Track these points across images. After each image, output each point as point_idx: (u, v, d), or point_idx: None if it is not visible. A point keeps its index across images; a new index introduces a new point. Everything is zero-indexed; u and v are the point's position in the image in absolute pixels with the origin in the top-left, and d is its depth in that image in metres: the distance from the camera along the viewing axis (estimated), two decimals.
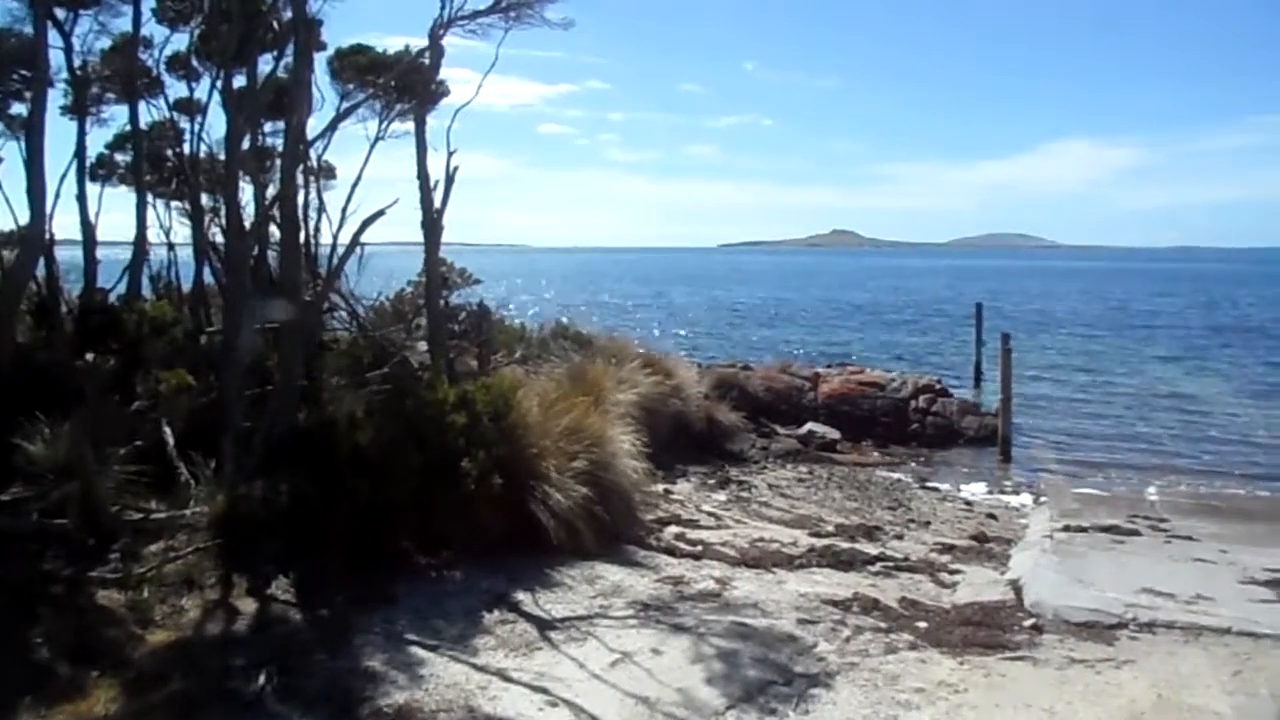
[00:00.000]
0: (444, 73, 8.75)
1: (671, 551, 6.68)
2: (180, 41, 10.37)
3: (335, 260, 8.97)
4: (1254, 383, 22.86)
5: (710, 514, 8.25)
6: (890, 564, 6.88)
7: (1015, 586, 6.20)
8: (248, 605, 4.97)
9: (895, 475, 12.06)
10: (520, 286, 65.94)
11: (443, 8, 7.70)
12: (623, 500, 6.88)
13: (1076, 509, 9.06)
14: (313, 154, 10.04)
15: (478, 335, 10.35)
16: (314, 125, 8.83)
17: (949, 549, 7.85)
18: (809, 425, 13.74)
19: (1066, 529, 7.97)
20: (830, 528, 8.23)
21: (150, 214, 10.59)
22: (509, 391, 6.74)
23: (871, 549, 7.37)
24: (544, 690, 4.23)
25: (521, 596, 5.40)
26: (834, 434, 13.57)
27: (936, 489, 11.48)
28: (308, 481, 5.41)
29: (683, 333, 34.18)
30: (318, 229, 11.02)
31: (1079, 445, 15.22)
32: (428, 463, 5.68)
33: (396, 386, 6.42)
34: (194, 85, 10.35)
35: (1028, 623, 5.45)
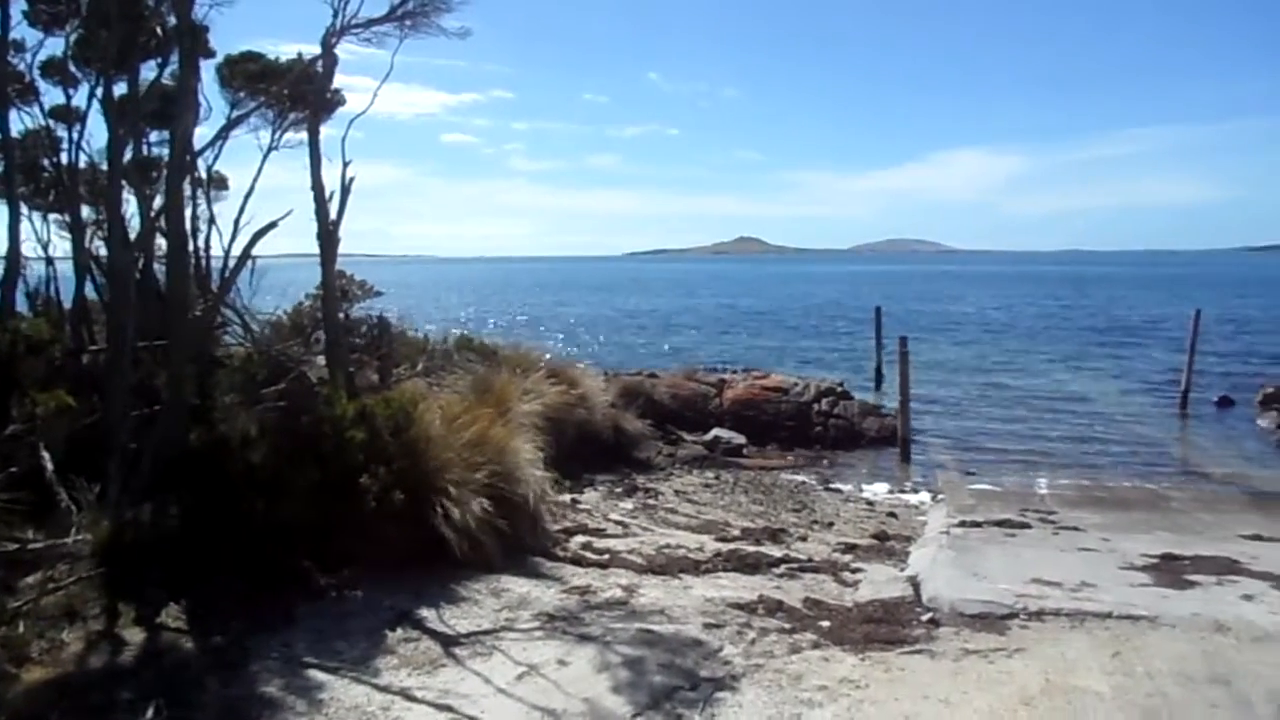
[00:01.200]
0: (343, 80, 8.58)
1: (578, 561, 6.66)
2: (56, 46, 9.88)
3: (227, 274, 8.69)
4: (1134, 379, 24.10)
5: (617, 522, 8.26)
6: (795, 565, 7.00)
7: (914, 582, 6.39)
8: (135, 635, 4.74)
9: (800, 478, 12.30)
10: (425, 298, 65.04)
11: (335, 16, 7.54)
12: (528, 511, 6.82)
13: (972, 505, 9.40)
14: (201, 164, 9.69)
15: (378, 348, 10.16)
16: (203, 134, 8.54)
17: (851, 548, 8.04)
18: (715, 431, 13.91)
19: (962, 525, 8.27)
20: (736, 532, 8.33)
21: (26, 227, 10.04)
22: (410, 405, 6.62)
23: (776, 551, 7.49)
24: (448, 708, 4.16)
25: (425, 613, 5.31)
26: (740, 439, 13.76)
27: (839, 490, 11.74)
28: (199, 503, 5.22)
29: (589, 342, 34.21)
30: (208, 242, 10.65)
31: (975, 443, 15.76)
32: (326, 480, 5.54)
33: (292, 403, 6.24)
34: (72, 92, 9.85)
35: (926, 617, 5.62)
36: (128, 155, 7.98)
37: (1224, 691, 4.35)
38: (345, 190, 7.81)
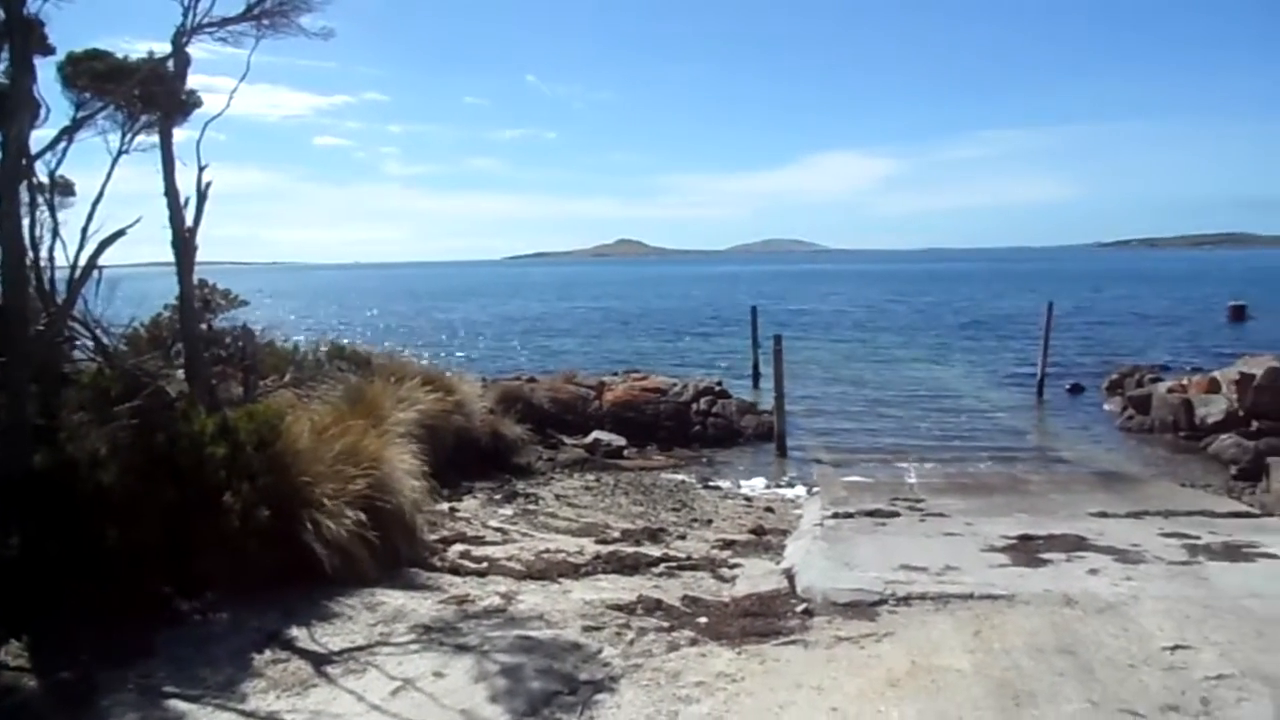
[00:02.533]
0: (203, 81, 8.20)
1: (456, 570, 6.58)
2: None
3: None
4: (994, 371, 25.37)
5: (497, 529, 8.19)
6: (674, 564, 7.09)
7: (789, 575, 6.55)
8: None
9: (680, 477, 12.44)
10: (297, 305, 62.95)
11: (186, 14, 7.24)
12: (404, 522, 6.71)
13: (845, 497, 9.68)
14: (42, 169, 9.12)
15: (243, 360, 9.77)
16: (42, 137, 8.03)
17: (729, 544, 8.18)
18: (595, 433, 13.94)
19: (835, 516, 8.51)
20: (616, 533, 8.38)
21: None
22: (276, 417, 6.42)
23: (656, 551, 7.57)
24: None
25: (296, 632, 5.13)
26: (620, 440, 13.84)
27: (718, 487, 11.94)
28: (44, 530, 4.91)
29: (468, 348, 33.81)
30: (51, 252, 10.01)
31: (848, 437, 16.29)
32: (184, 499, 5.30)
33: (147, 419, 5.94)
34: None
35: (800, 608, 5.76)
36: None
37: (1070, 661, 4.62)
38: (202, 196, 7.51)
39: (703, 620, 5.59)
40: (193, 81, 8.38)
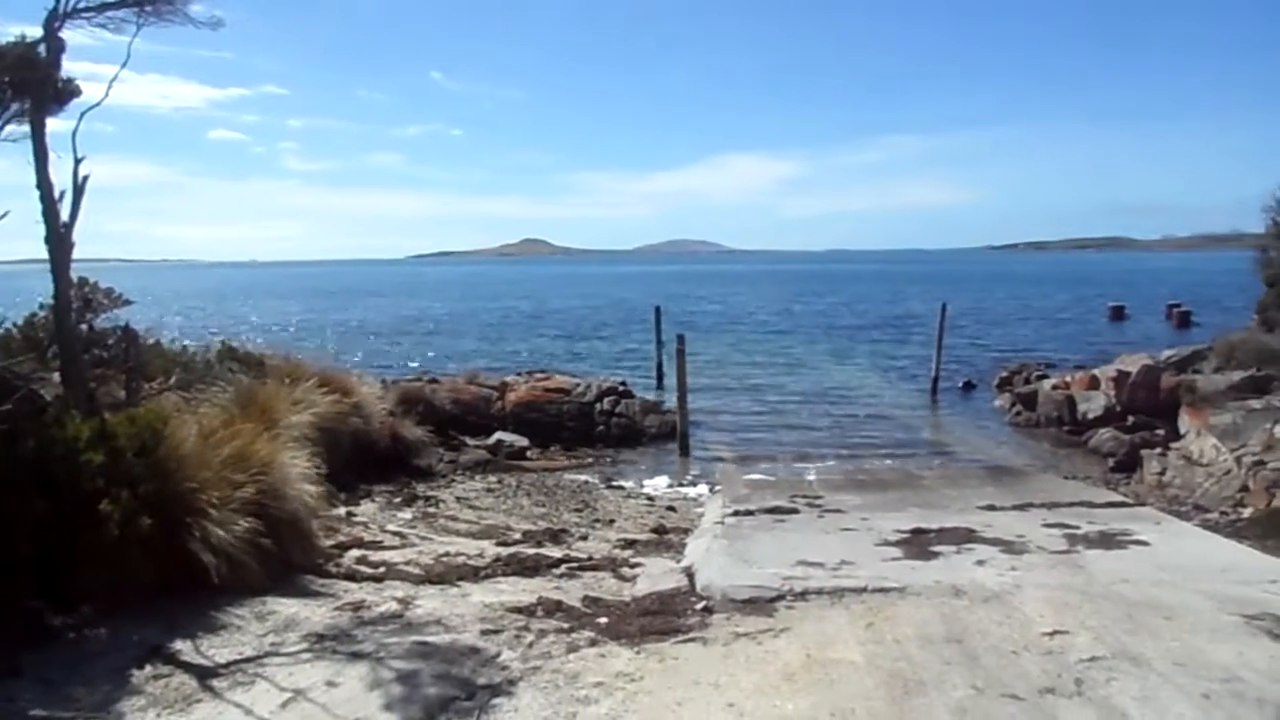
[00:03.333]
0: (90, 69, 7.78)
1: (352, 576, 6.42)
2: None
3: None
4: (892, 370, 26.06)
5: (395, 533, 8.02)
6: (575, 565, 7.06)
7: (689, 573, 6.61)
8: None
9: (583, 477, 12.42)
10: (188, 305, 60.65)
11: None
12: (298, 528, 6.52)
13: (746, 494, 9.81)
14: None
15: (125, 362, 9.34)
16: None
17: (631, 544, 8.20)
18: (498, 435, 13.81)
19: (736, 514, 8.62)
20: (518, 535, 8.31)
21: None
22: (159, 422, 6.14)
23: (557, 552, 7.53)
24: None
25: (180, 645, 4.93)
26: (523, 441, 13.74)
27: (622, 487, 11.96)
28: None
29: (367, 348, 33.05)
30: None
31: (751, 435, 16.52)
32: (57, 509, 5.02)
33: (17, 425, 5.62)
34: None
35: (700, 605, 5.82)
36: None
37: (957, 649, 4.78)
38: (79, 189, 7.12)
39: (603, 620, 5.59)
40: (75, 69, 7.93)
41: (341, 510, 8.54)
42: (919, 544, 7.25)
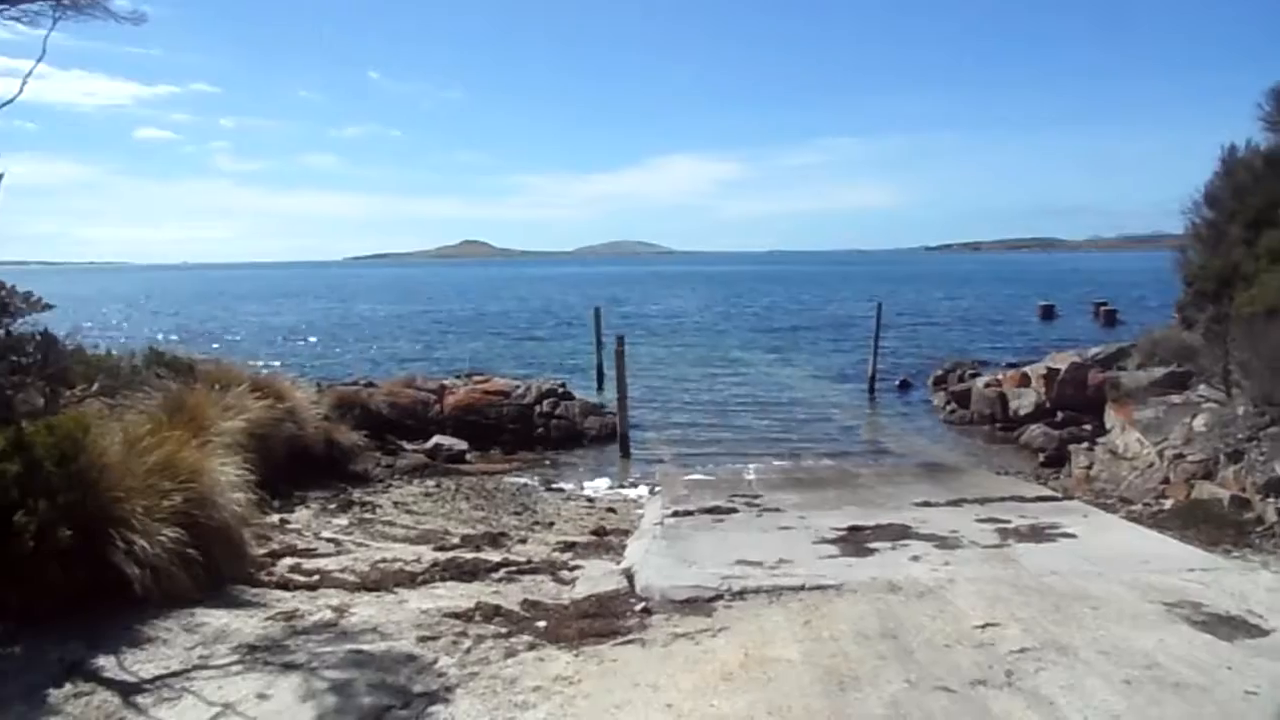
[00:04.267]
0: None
1: (286, 585, 6.28)
2: None
3: None
4: (830, 369, 26.40)
5: (330, 540, 7.88)
6: (514, 568, 7.00)
7: (628, 574, 6.60)
8: None
9: (522, 480, 12.35)
10: (115, 309, 58.96)
11: None
12: (228, 537, 6.35)
13: (686, 495, 9.83)
14: None
15: (45, 368, 9.01)
16: None
17: (571, 546, 8.16)
18: (436, 438, 13.66)
19: (676, 514, 8.63)
20: (456, 539, 8.21)
21: None
22: (80, 430, 5.94)
23: (496, 556, 7.46)
24: None
25: (103, 661, 4.76)
26: (461, 445, 13.61)
27: (562, 490, 11.91)
28: None
29: (303, 352, 32.50)
30: None
31: (691, 436, 16.59)
32: None
33: None
34: None
35: (639, 607, 5.81)
36: None
37: (892, 644, 4.85)
38: None
39: (542, 624, 5.56)
40: None
41: (275, 518, 8.36)
42: (856, 541, 7.34)
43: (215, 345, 25.62)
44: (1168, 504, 9.57)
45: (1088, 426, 15.15)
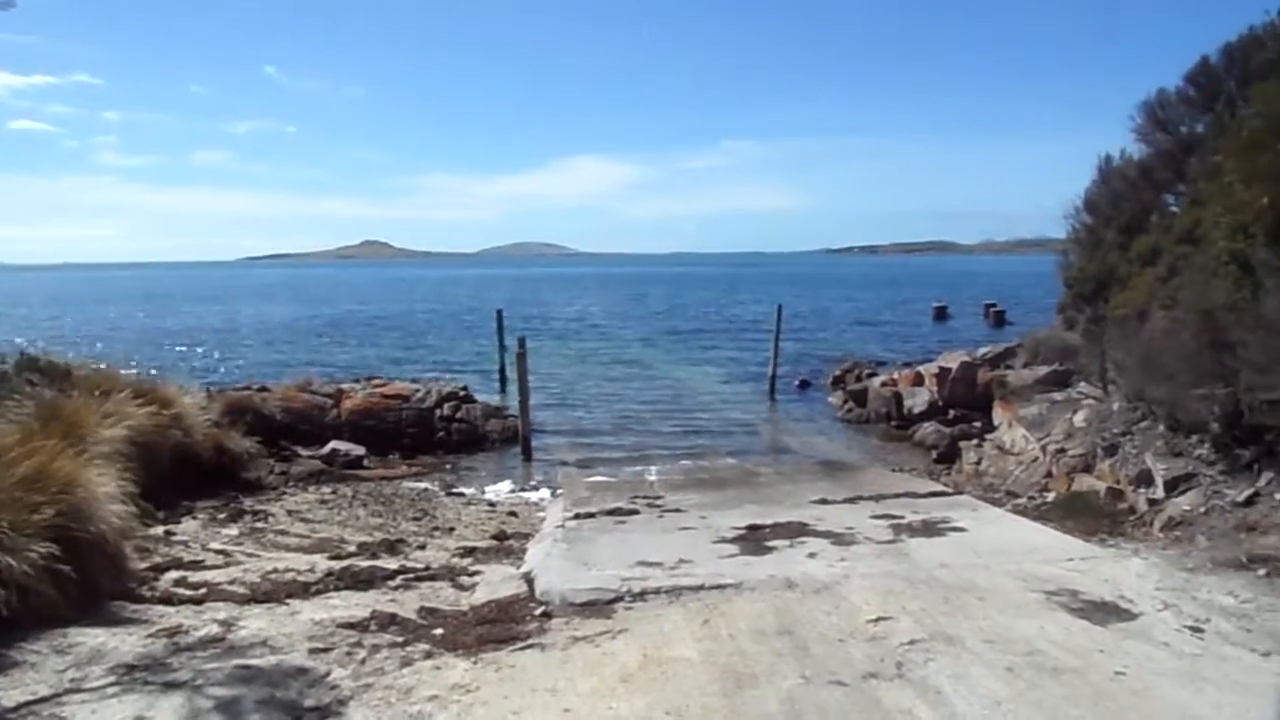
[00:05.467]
0: None
1: (169, 600, 6.02)
2: None
3: None
4: (732, 370, 26.73)
5: (219, 551, 7.59)
6: (412, 576, 6.87)
7: (528, 578, 6.55)
8: None
9: (422, 485, 12.14)
10: None
11: None
12: (106, 551, 6.06)
13: (588, 497, 9.82)
14: None
15: None
16: None
17: (471, 552, 8.06)
18: (332, 444, 13.32)
19: (577, 517, 8.61)
20: (352, 547, 8.02)
21: None
22: None
23: (393, 563, 7.32)
24: None
25: None
26: (359, 450, 13.32)
27: (462, 494, 11.75)
28: None
29: (191, 356, 31.29)
30: None
31: (594, 438, 16.57)
32: None
33: None
34: None
35: (539, 611, 5.76)
36: None
37: (788, 640, 4.93)
38: None
39: (439, 632, 5.46)
40: None
41: (159, 529, 8.01)
42: (755, 540, 7.44)
43: (96, 349, 24.42)
44: (1050, 497, 10.00)
45: (977, 423, 15.70)
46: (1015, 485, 11.10)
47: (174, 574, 6.67)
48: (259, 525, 8.99)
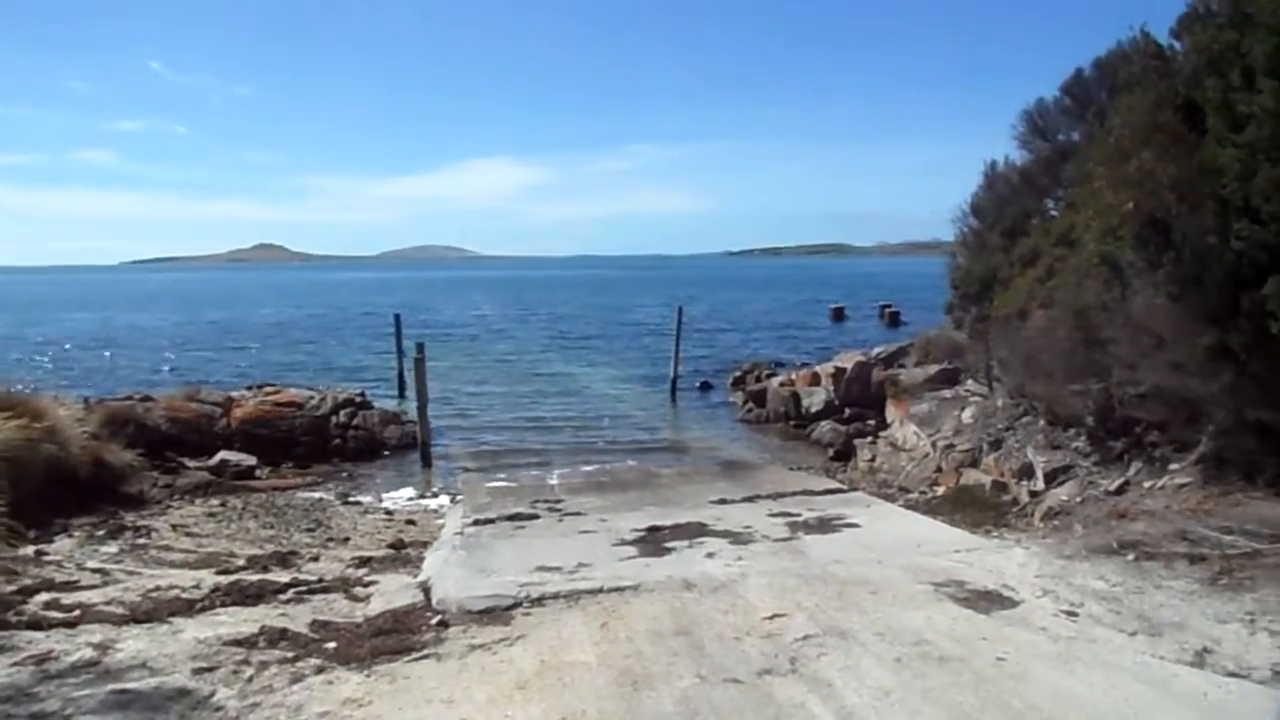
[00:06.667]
0: None
1: (39, 624, 5.69)
2: None
3: None
4: (632, 372, 26.83)
5: (97, 570, 7.22)
6: (304, 588, 6.67)
7: (425, 587, 6.44)
8: None
9: (317, 495, 11.83)
10: None
11: None
12: None
13: (488, 503, 9.74)
14: None
15: None
16: None
17: (366, 562, 7.88)
18: (222, 454, 12.86)
19: (476, 523, 8.53)
20: (242, 561, 7.75)
21: None
22: None
23: (285, 576, 7.10)
24: None
25: None
26: (250, 460, 12.89)
27: (359, 503, 11.49)
28: None
29: (69, 365, 29.76)
30: None
31: (495, 442, 16.41)
32: None
33: None
34: None
35: (435, 620, 5.66)
36: None
37: (685, 640, 4.96)
38: None
39: (332, 645, 5.31)
40: None
41: (29, 549, 7.60)
42: (654, 541, 7.49)
43: None
44: (940, 491, 10.35)
45: (872, 421, 16.14)
46: (907, 481, 11.45)
47: (44, 596, 6.31)
48: (141, 541, 8.60)
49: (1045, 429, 9.78)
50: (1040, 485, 9.06)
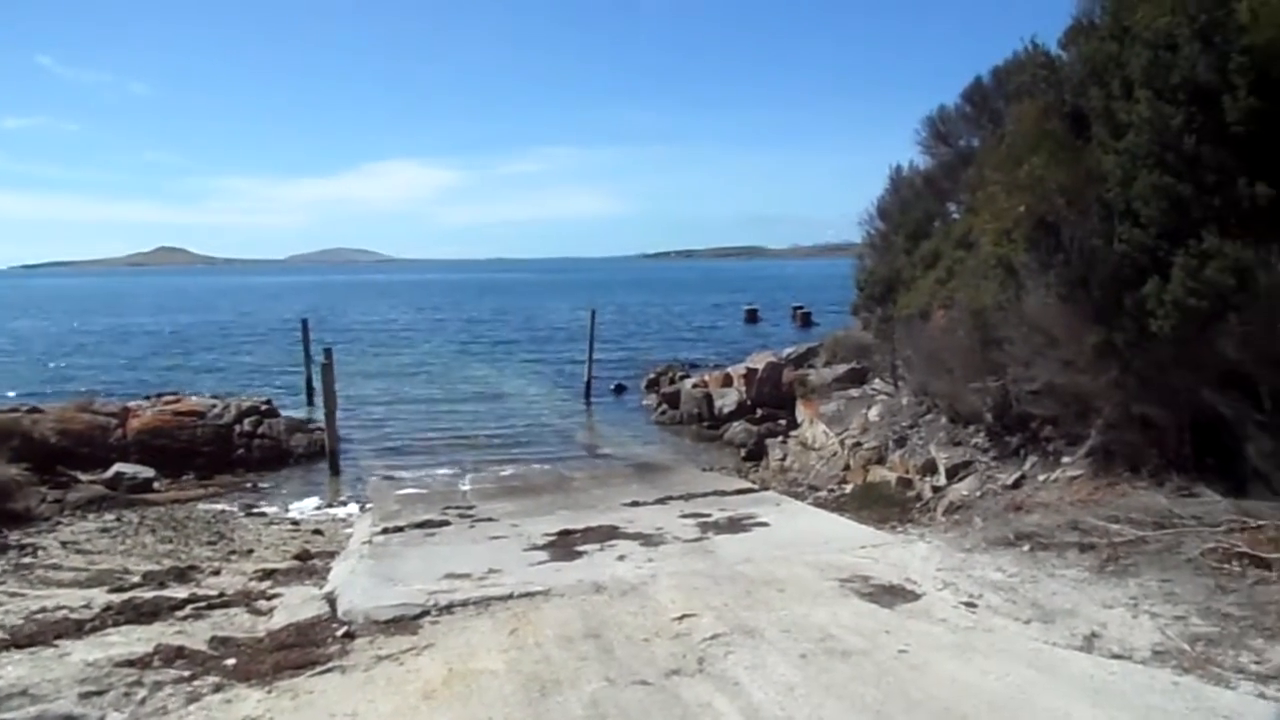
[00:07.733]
0: None
1: None
2: None
3: None
4: (548, 376, 26.72)
5: None
6: (203, 604, 6.44)
7: (331, 598, 6.30)
8: None
9: (219, 506, 11.48)
10: None
11: None
12: None
13: (397, 510, 9.56)
14: None
15: None
16: None
17: (270, 574, 7.66)
18: (117, 467, 12.38)
19: (385, 531, 8.36)
20: (137, 578, 7.45)
21: None
22: None
23: (183, 592, 6.85)
24: None
25: None
26: (148, 472, 12.44)
27: (263, 514, 11.19)
28: None
29: None
30: None
31: (405, 449, 16.17)
32: None
33: None
34: None
35: (340, 632, 5.54)
36: None
37: (594, 644, 4.96)
38: None
39: (231, 662, 5.15)
40: None
41: None
42: (565, 545, 7.46)
43: None
44: (848, 488, 10.57)
45: (783, 421, 16.39)
46: (817, 479, 11.66)
47: None
48: (26, 560, 8.20)
49: (947, 426, 10.08)
50: (942, 481, 9.33)
